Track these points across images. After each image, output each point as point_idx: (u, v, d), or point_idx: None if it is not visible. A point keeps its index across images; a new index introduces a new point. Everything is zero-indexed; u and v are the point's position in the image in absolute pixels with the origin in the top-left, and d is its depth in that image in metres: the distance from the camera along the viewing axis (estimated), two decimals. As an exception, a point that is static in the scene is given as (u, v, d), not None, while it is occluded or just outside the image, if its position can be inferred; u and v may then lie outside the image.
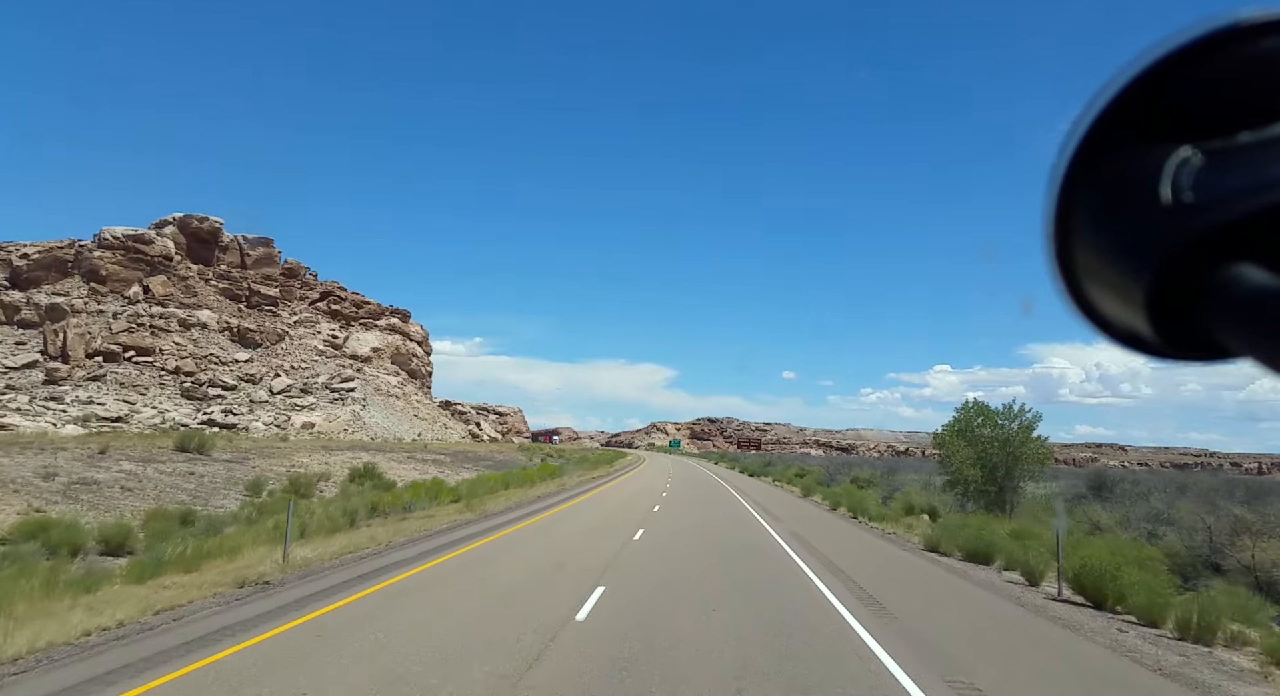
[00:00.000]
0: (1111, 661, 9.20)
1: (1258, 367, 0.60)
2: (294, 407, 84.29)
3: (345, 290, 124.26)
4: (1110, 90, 0.63)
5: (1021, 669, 8.74)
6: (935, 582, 14.90)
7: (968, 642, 9.87)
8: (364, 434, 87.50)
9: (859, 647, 9.04)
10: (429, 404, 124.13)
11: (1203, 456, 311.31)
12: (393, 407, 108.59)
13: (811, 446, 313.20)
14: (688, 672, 7.60)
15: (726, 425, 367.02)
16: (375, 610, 10.01)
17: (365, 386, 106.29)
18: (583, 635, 9.01)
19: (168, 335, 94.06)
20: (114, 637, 8.39)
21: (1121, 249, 0.63)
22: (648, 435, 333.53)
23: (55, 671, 7.23)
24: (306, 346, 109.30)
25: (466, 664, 7.63)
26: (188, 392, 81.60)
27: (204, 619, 9.33)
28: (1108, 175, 0.64)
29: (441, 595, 11.22)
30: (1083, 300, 0.69)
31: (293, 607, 10.02)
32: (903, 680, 7.73)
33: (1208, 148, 0.61)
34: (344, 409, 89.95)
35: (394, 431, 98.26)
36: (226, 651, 7.86)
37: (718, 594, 11.98)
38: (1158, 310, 0.62)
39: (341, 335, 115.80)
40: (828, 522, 27.68)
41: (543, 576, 13.08)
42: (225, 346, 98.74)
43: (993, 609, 12.43)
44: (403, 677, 7.12)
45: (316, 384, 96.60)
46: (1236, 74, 0.60)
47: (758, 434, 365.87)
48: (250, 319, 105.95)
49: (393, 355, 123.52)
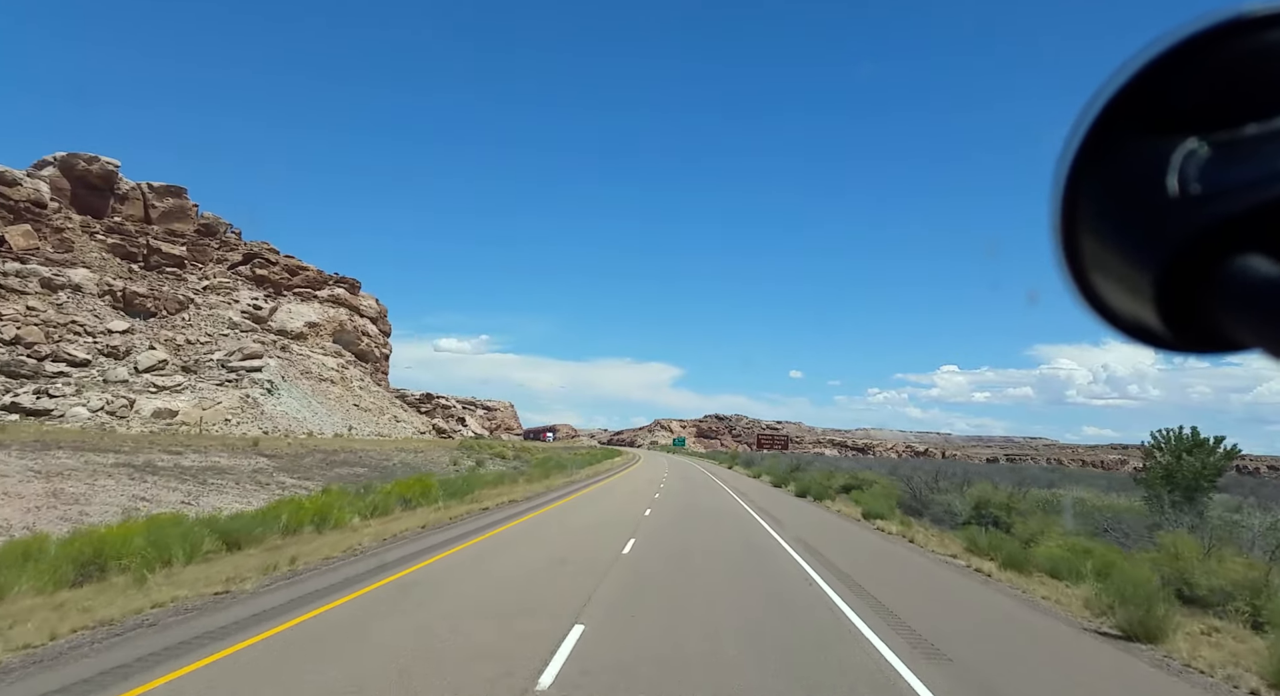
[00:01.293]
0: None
1: (1266, 358, 0.59)
2: (154, 390, 62.69)
3: (277, 253, 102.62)
4: (1116, 82, 0.62)
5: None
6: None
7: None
8: (258, 424, 65.96)
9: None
10: (379, 392, 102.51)
11: (1239, 459, 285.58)
12: (324, 395, 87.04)
13: (825, 446, 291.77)
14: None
15: (735, 423, 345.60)
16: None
17: (288, 367, 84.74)
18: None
19: (21, 298, 72.75)
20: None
21: (1129, 241, 0.62)
22: (651, 433, 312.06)
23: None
24: (218, 317, 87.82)
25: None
26: (6, 368, 60.15)
27: None
28: (1114, 167, 0.63)
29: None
30: (1090, 292, 0.68)
31: None
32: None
33: (1214, 140, 0.60)
34: (232, 393, 68.31)
35: (316, 423, 76.71)
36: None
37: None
38: (1165, 302, 0.61)
39: (266, 306, 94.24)
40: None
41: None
42: (102, 313, 77.32)
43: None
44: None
45: (211, 362, 75.05)
46: (1242, 66, 0.59)
47: (769, 432, 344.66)
48: (142, 282, 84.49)
49: (334, 332, 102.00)
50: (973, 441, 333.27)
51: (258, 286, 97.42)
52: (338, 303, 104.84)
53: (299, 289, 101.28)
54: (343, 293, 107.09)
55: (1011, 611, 12.04)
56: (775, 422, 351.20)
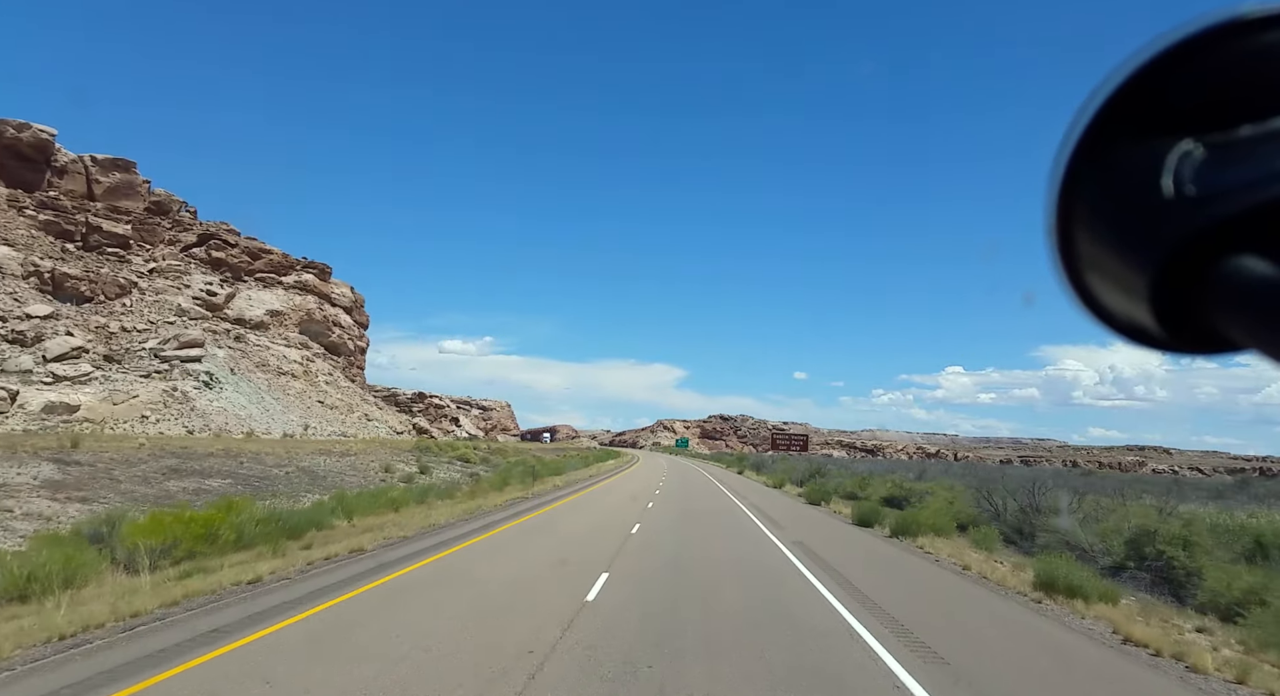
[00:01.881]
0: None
1: (1260, 359, 0.59)
2: (50, 380, 53.06)
3: (237, 234, 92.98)
4: (1112, 84, 0.62)
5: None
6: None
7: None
8: (185, 421, 56.34)
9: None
10: (349, 388, 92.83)
11: (1264, 462, 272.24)
12: (283, 390, 77.44)
13: (833, 447, 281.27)
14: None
15: (741, 423, 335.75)
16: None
17: (239, 359, 75.20)
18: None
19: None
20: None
21: (1124, 242, 0.62)
22: (654, 434, 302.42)
23: None
24: (164, 304, 78.25)
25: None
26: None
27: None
28: (1110, 168, 0.63)
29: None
30: (1086, 293, 0.68)
31: None
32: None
33: (1209, 141, 0.60)
34: (155, 386, 58.69)
35: (265, 421, 67.10)
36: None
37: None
38: (1160, 302, 0.61)
39: (222, 292, 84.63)
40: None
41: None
42: (24, 296, 67.83)
43: None
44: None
45: (142, 352, 65.47)
46: (1238, 68, 0.59)
47: (782, 431, 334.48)
48: (77, 263, 75.01)
49: (300, 322, 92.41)
50: (981, 443, 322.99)
51: (213, 270, 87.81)
52: (305, 289, 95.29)
53: (261, 274, 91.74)
54: (311, 279, 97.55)
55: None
56: (782, 423, 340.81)
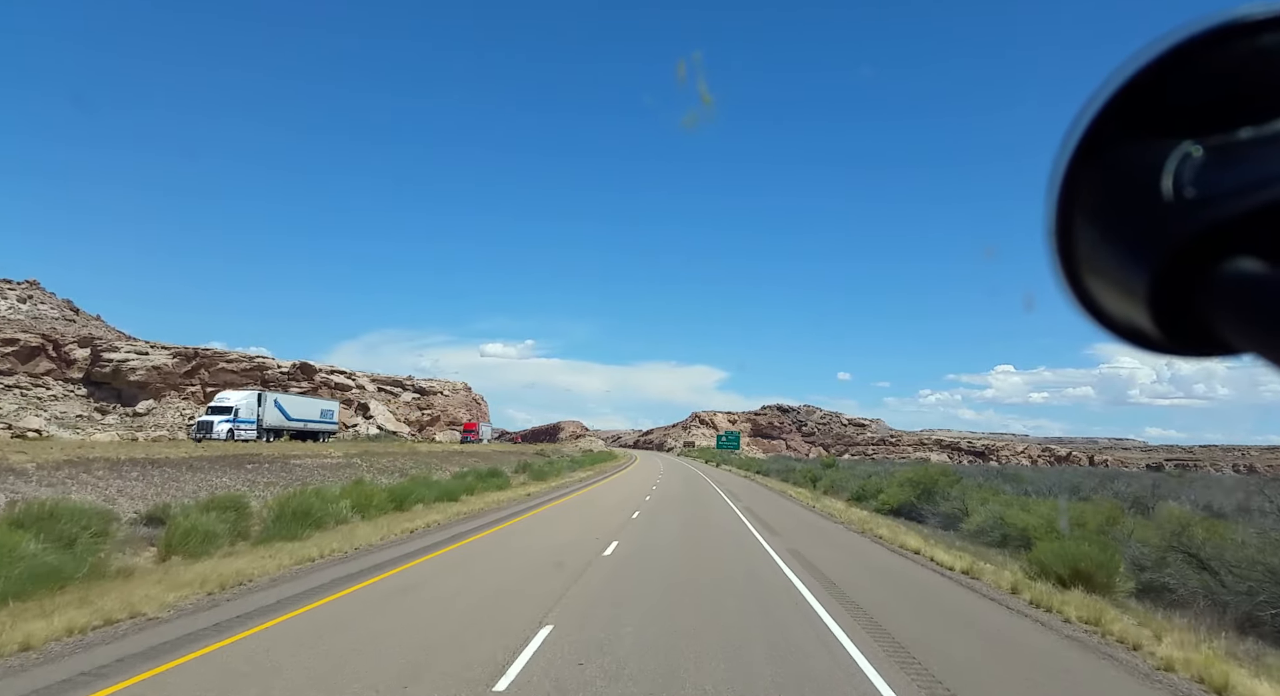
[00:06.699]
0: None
1: (1258, 361, 0.58)
2: None
3: None
4: (1112, 85, 0.62)
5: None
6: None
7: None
8: None
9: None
10: None
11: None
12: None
13: (930, 449, 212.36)
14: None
15: (807, 416, 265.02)
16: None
17: None
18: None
19: None
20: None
21: (1123, 243, 0.62)
22: (687, 430, 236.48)
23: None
24: None
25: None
26: None
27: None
28: (1109, 170, 0.63)
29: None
30: (1084, 294, 0.68)
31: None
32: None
33: (1209, 143, 0.60)
34: None
35: None
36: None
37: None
38: (1159, 304, 0.61)
39: None
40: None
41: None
42: None
43: None
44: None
45: None
46: (1238, 70, 0.59)
47: (853, 429, 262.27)
48: None
49: None
50: (1117, 443, 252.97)
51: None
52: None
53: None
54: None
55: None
56: (862, 419, 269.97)
